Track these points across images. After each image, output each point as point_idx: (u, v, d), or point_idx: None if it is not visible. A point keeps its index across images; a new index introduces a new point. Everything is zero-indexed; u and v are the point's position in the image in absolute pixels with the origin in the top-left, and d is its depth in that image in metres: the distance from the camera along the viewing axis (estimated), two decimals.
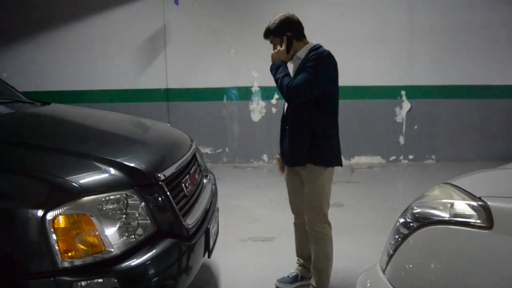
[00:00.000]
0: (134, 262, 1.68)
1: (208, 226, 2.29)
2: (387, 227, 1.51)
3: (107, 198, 1.69)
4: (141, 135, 2.60)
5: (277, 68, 2.42)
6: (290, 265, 2.83)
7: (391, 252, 1.36)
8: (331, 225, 2.55)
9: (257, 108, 5.95)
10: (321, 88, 2.35)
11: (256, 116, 6.01)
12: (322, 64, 2.33)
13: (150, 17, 5.80)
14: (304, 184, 2.50)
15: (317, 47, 2.41)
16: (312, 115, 2.39)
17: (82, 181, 1.67)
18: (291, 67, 2.49)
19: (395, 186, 5.25)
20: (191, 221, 2.09)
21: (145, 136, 2.58)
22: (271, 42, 2.52)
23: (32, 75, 5.91)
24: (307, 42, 2.47)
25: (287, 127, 2.49)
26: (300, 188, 2.56)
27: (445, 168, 5.67)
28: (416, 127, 5.98)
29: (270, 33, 2.49)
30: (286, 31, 2.43)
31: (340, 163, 2.51)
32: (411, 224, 1.32)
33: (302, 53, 2.43)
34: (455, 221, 1.21)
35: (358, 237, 3.51)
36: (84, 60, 5.93)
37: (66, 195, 1.61)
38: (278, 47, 2.45)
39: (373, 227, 3.68)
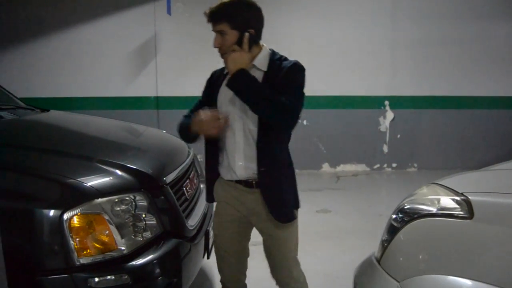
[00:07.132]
0: (144, 260, 1.79)
1: (208, 228, 2.41)
2: (372, 232, 1.66)
3: (118, 199, 1.80)
4: (143, 140, 2.71)
5: (252, 80, 1.69)
6: None
7: (386, 244, 1.52)
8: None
9: None
10: None
11: None
12: (304, 80, 1.76)
13: (141, 25, 5.87)
14: (276, 237, 1.90)
15: (279, 55, 1.81)
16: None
17: (96, 183, 1.78)
18: None
19: (380, 193, 5.43)
20: (192, 222, 2.21)
21: (147, 142, 2.70)
22: (218, 32, 1.73)
23: (22, 81, 5.92)
24: (261, 46, 1.82)
25: (263, 168, 1.75)
26: (247, 238, 2.02)
27: (427, 176, 5.85)
28: (399, 136, 6.19)
29: (225, 19, 1.69)
30: (249, 26, 1.72)
31: None
32: (403, 219, 1.49)
33: (262, 63, 1.77)
34: (441, 213, 1.39)
35: (344, 242, 3.65)
36: (74, 67, 5.95)
37: (81, 196, 1.71)
38: (236, 48, 1.71)
39: (358, 232, 3.83)
